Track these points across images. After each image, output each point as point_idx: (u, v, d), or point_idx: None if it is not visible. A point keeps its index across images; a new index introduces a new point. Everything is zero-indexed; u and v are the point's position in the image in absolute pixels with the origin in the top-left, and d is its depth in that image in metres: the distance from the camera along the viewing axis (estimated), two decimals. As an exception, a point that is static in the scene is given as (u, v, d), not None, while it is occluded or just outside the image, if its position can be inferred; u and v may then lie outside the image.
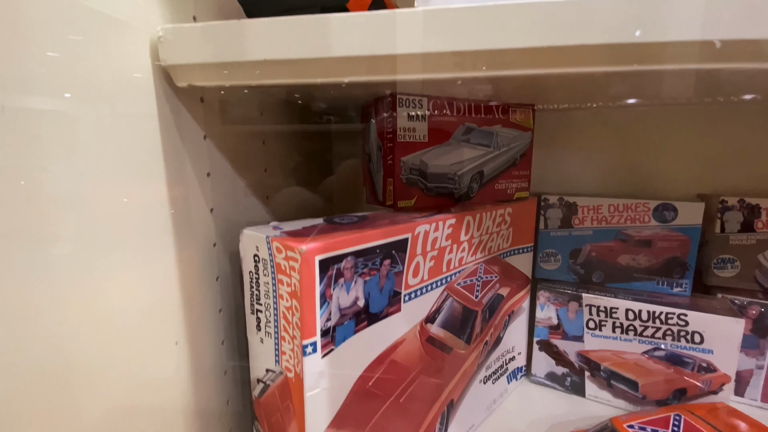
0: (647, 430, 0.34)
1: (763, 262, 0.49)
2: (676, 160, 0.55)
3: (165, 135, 0.26)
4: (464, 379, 0.43)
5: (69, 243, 0.20)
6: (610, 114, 0.56)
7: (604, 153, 0.57)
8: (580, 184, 0.58)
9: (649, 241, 0.49)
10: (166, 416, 0.27)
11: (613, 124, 0.56)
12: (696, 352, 0.44)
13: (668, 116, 0.55)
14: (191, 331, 0.28)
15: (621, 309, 0.47)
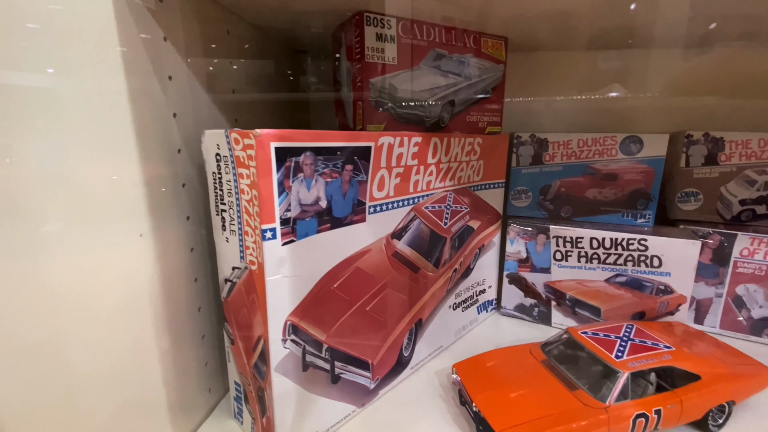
0: (599, 335, 0.36)
1: (725, 194, 0.50)
2: (647, 99, 0.56)
3: (122, 34, 0.26)
4: (433, 301, 0.45)
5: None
6: (583, 56, 0.56)
7: (576, 94, 0.57)
8: (553, 125, 0.59)
9: (616, 174, 0.50)
10: (135, 317, 0.28)
11: (586, 66, 0.57)
12: (655, 275, 0.46)
13: (638, 58, 0.55)
14: (158, 234, 0.29)
15: (586, 238, 0.49)
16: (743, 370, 0.35)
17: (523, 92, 0.60)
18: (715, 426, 0.33)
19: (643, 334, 0.36)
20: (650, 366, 0.32)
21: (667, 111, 0.56)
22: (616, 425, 0.30)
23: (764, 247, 0.47)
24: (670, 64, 0.55)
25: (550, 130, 0.55)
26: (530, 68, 0.58)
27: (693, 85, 0.55)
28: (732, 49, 0.54)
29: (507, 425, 0.29)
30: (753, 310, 0.49)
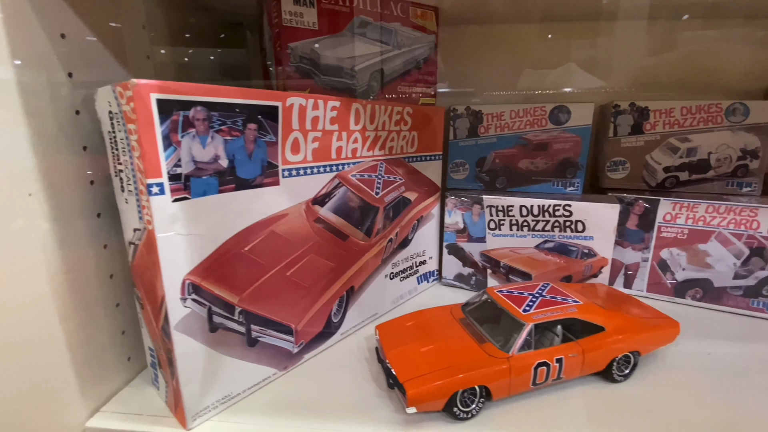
0: (514, 293, 0.37)
1: (650, 162, 0.52)
2: (577, 72, 0.57)
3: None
4: (366, 269, 0.45)
5: None
6: (518, 30, 0.57)
7: (512, 66, 0.58)
8: (489, 97, 0.60)
9: (546, 144, 0.52)
10: (32, 288, 0.27)
11: (521, 40, 0.57)
12: (579, 240, 0.48)
13: (572, 31, 0.57)
14: (55, 198, 0.29)
15: (516, 206, 0.50)
16: (650, 323, 0.37)
17: (460, 63, 0.60)
18: (621, 375, 0.35)
19: (556, 291, 0.38)
20: (553, 318, 0.33)
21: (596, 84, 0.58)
22: (517, 374, 0.31)
23: (685, 212, 0.49)
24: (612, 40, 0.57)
25: (485, 96, 0.56)
26: (485, 41, 0.59)
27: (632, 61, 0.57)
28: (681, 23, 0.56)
29: (411, 376, 0.30)
30: (677, 273, 0.51)
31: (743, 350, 0.40)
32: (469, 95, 0.60)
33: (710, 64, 0.56)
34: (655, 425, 0.31)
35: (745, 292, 0.47)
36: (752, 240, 0.46)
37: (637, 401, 0.33)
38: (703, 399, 0.33)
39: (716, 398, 0.33)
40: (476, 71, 0.60)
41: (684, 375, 0.36)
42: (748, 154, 0.49)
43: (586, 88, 0.57)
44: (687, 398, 0.33)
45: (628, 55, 0.57)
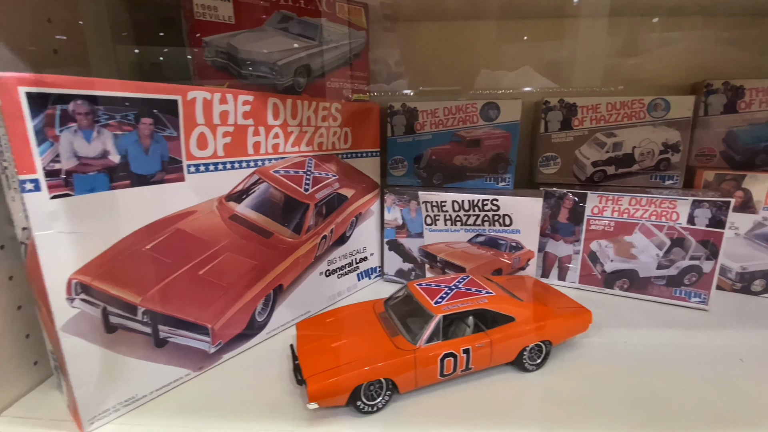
0: (432, 286, 0.38)
1: (579, 156, 0.54)
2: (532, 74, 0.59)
3: None
4: (297, 267, 0.45)
5: None
6: (453, 27, 0.58)
7: (446, 64, 0.59)
8: (426, 94, 0.60)
9: (478, 140, 0.52)
10: None
11: (457, 38, 0.58)
12: (507, 233, 0.49)
13: (506, 29, 0.58)
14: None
15: (449, 202, 0.50)
16: (562, 312, 0.38)
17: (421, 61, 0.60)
18: (532, 365, 0.36)
19: (473, 283, 0.38)
20: (463, 309, 0.34)
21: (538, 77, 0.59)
22: (423, 365, 0.32)
23: (611, 205, 0.50)
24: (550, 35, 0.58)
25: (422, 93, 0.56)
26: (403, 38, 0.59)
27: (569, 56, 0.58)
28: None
29: (315, 371, 0.30)
30: (606, 265, 0.52)
31: (659, 338, 0.42)
32: (426, 93, 0.60)
33: (641, 61, 0.58)
34: (561, 413, 0.31)
35: (668, 282, 0.49)
36: (672, 231, 0.48)
37: (546, 390, 0.34)
38: (610, 386, 0.34)
39: (622, 385, 0.34)
40: (426, 69, 0.60)
41: (596, 363, 0.37)
42: (669, 148, 0.50)
43: (542, 88, 0.59)
44: (595, 386, 0.34)
45: (580, 54, 0.58)
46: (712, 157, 0.53)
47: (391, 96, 0.60)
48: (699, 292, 0.48)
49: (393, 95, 0.60)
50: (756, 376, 0.35)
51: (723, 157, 0.52)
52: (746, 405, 0.32)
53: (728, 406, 0.32)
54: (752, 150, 0.50)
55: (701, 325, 0.44)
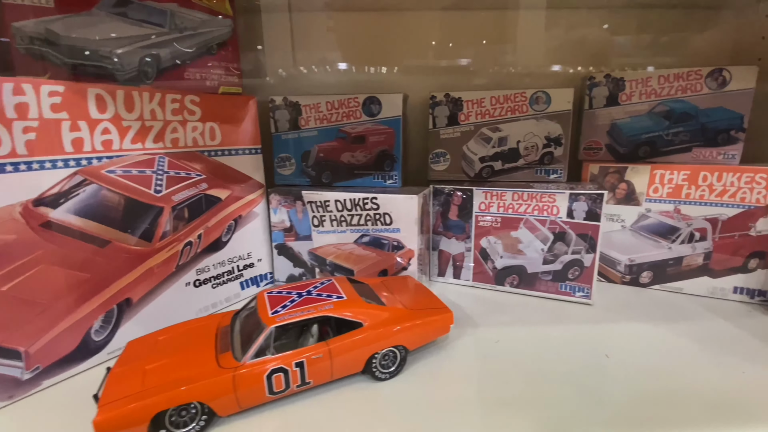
0: (282, 293, 0.34)
1: (467, 152, 0.52)
2: (405, 64, 0.57)
3: None
4: (150, 278, 0.41)
5: None
6: (340, 18, 0.55)
7: (334, 55, 0.56)
8: (313, 86, 0.57)
9: (363, 136, 0.50)
10: None
11: (343, 29, 0.56)
12: (389, 233, 0.46)
13: (396, 22, 0.56)
14: None
15: (332, 201, 0.48)
16: (421, 315, 0.36)
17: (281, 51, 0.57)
18: (385, 373, 0.33)
19: (330, 288, 0.35)
20: (301, 318, 0.31)
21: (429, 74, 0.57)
22: (246, 384, 0.28)
23: (496, 201, 0.49)
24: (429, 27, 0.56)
25: (310, 85, 0.53)
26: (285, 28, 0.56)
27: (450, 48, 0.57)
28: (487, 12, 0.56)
29: (112, 398, 0.26)
30: (496, 261, 0.51)
31: (534, 335, 0.41)
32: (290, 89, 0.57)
33: (529, 54, 0.58)
34: (409, 425, 0.29)
35: (554, 277, 0.49)
36: (554, 225, 0.47)
37: (396, 400, 0.32)
38: (465, 392, 0.32)
39: (476, 389, 0.33)
40: (313, 60, 0.57)
41: (456, 367, 0.36)
42: (552, 141, 0.50)
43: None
44: (448, 393, 0.32)
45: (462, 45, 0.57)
46: (598, 150, 0.53)
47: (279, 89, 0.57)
48: (582, 287, 0.47)
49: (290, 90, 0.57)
50: (613, 374, 0.35)
51: (608, 149, 0.52)
52: (594, 404, 0.31)
53: (576, 405, 0.31)
54: (635, 142, 0.51)
55: (580, 320, 0.44)
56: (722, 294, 0.48)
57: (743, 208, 0.45)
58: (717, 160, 0.48)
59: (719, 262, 0.48)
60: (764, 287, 0.46)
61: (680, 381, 0.33)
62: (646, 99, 0.49)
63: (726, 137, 0.47)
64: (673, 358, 0.37)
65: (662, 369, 0.35)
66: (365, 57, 0.56)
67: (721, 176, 0.46)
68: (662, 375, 0.34)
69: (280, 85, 0.57)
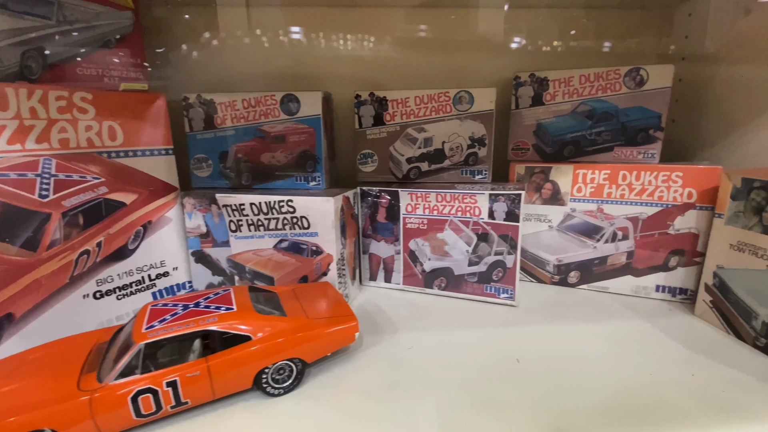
0: (168, 306, 0.32)
1: (394, 153, 0.51)
2: (335, 61, 0.55)
3: None
4: (37, 290, 0.37)
5: None
6: (260, 12, 0.53)
7: (254, 51, 0.54)
8: (231, 83, 0.55)
9: (283, 136, 0.48)
10: None
11: (264, 24, 0.54)
12: (307, 237, 0.44)
13: (320, 17, 0.54)
14: None
15: (247, 204, 0.45)
16: (323, 324, 0.34)
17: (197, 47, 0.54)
18: (278, 388, 0.31)
19: (223, 299, 0.33)
20: (175, 333, 0.28)
21: (353, 70, 0.56)
22: (107, 407, 0.26)
23: (422, 202, 0.48)
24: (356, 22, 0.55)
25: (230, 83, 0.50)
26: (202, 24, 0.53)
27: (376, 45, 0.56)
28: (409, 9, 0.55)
29: (-62, 432, 0.23)
30: (425, 264, 0.50)
31: (452, 340, 0.40)
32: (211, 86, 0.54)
33: (460, 54, 0.57)
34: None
35: (479, 278, 0.48)
36: (477, 226, 0.47)
37: (290, 416, 0.30)
38: (365, 403, 0.31)
39: (380, 400, 0.31)
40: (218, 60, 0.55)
41: (364, 376, 0.34)
42: (476, 142, 0.49)
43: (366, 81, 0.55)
44: (350, 404, 0.31)
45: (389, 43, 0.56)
46: (526, 151, 0.52)
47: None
48: (506, 288, 0.47)
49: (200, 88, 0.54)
50: (518, 379, 0.34)
51: (535, 150, 0.52)
52: (488, 414, 0.30)
53: (469, 414, 0.29)
54: (560, 142, 0.50)
55: (500, 323, 0.43)
56: (645, 293, 0.48)
57: (661, 206, 0.46)
58: (637, 159, 0.48)
59: (641, 261, 0.48)
60: (684, 285, 0.47)
61: (586, 383, 0.33)
62: (569, 99, 0.49)
63: (645, 136, 0.48)
64: (584, 359, 0.36)
65: (571, 371, 0.34)
66: (287, 53, 0.54)
67: (640, 175, 0.46)
68: (570, 378, 0.33)
69: (193, 81, 0.54)
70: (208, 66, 0.54)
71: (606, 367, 0.35)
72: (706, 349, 0.37)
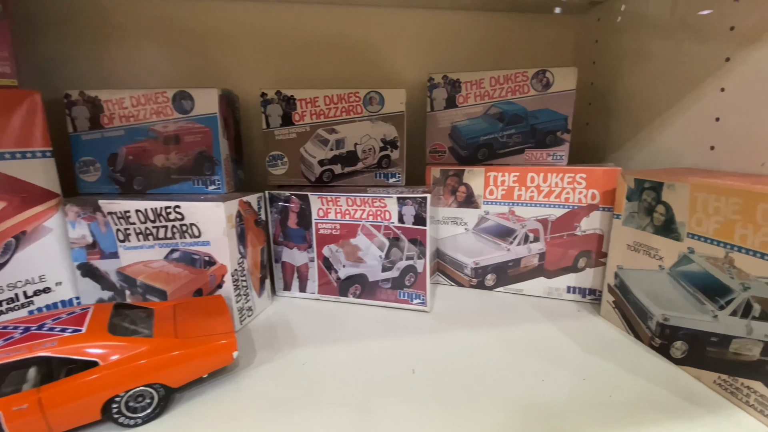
0: (8, 328, 0.28)
1: (305, 155, 0.49)
2: (241, 58, 0.52)
3: None
4: None
5: None
6: (156, 3, 0.49)
7: (147, 45, 0.50)
8: (121, 80, 0.51)
9: (177, 136, 0.44)
10: None
11: (158, 15, 0.50)
12: (199, 246, 0.41)
13: (228, 11, 0.51)
14: None
15: (132, 211, 0.41)
16: (189, 345, 0.30)
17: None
18: (133, 418, 0.28)
19: (75, 319, 0.29)
20: (3, 361, 0.24)
21: (259, 67, 0.53)
22: None
23: (333, 207, 0.46)
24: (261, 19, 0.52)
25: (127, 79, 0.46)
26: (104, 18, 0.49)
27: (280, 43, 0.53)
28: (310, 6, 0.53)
29: None
30: (339, 271, 0.48)
31: (351, 351, 0.37)
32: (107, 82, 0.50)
33: (380, 54, 0.55)
34: None
35: (393, 284, 0.46)
36: (389, 231, 0.45)
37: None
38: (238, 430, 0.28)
39: (257, 426, 0.28)
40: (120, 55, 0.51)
41: (245, 399, 0.31)
42: (388, 144, 0.48)
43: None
44: None
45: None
46: (443, 153, 0.52)
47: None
48: (418, 293, 0.45)
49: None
50: (409, 391, 0.32)
51: (451, 152, 0.51)
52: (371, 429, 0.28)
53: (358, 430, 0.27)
54: (474, 144, 0.50)
55: (410, 331, 0.41)
56: (558, 294, 0.49)
57: (568, 208, 0.46)
58: (547, 161, 0.49)
59: (552, 263, 0.48)
60: (594, 286, 0.47)
61: (478, 394, 0.31)
62: (481, 101, 0.49)
63: (554, 138, 0.48)
64: (482, 367, 0.35)
65: (465, 381, 0.33)
66: (184, 47, 0.51)
67: (547, 177, 0.46)
68: (463, 388, 0.32)
69: (77, 78, 0.49)
70: (92, 60, 0.50)
71: (501, 374, 0.34)
72: (604, 351, 0.37)
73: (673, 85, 0.44)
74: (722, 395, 0.31)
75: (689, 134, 0.43)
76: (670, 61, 0.45)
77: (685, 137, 0.43)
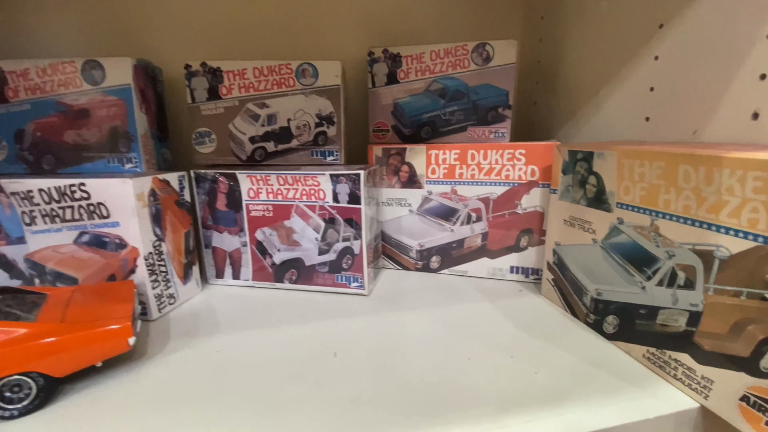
0: None
1: (234, 131, 0.46)
2: (171, 27, 0.49)
3: None
4: None
5: None
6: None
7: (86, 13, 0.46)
8: (27, 48, 0.47)
9: (87, 110, 0.41)
10: None
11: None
12: (109, 228, 0.38)
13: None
14: None
15: (35, 191, 0.37)
16: (73, 330, 0.27)
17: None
18: (8, 410, 0.25)
19: None
20: None
21: (191, 39, 0.50)
22: None
23: (264, 186, 0.43)
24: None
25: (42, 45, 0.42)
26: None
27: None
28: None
29: None
30: (274, 255, 0.45)
31: (273, 339, 0.35)
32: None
33: (320, 26, 0.53)
34: None
35: (330, 268, 0.44)
36: (324, 211, 0.43)
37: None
38: (130, 423, 0.25)
39: (148, 418, 0.26)
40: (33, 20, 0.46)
41: (139, 389, 0.28)
42: (324, 120, 0.45)
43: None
44: (112, 425, 0.25)
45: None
46: (386, 132, 0.50)
47: None
48: (356, 276, 0.43)
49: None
50: (328, 377, 0.30)
51: (395, 131, 0.49)
52: (278, 418, 0.25)
53: (261, 417, 0.25)
54: (417, 122, 0.48)
55: (343, 314, 0.39)
56: (501, 274, 0.47)
57: (509, 185, 0.45)
58: (489, 139, 0.47)
59: (495, 242, 0.47)
60: (536, 265, 0.46)
61: (400, 375, 0.29)
62: (422, 76, 0.47)
63: (495, 115, 0.46)
64: (411, 348, 0.33)
65: (391, 363, 0.31)
66: (100, 14, 0.47)
67: (487, 154, 0.45)
68: (385, 370, 0.30)
69: None
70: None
71: (428, 355, 0.32)
72: (538, 329, 0.36)
73: (610, 56, 0.43)
74: (651, 369, 0.30)
75: (626, 106, 0.42)
76: (607, 31, 0.44)
77: (622, 110, 0.42)
